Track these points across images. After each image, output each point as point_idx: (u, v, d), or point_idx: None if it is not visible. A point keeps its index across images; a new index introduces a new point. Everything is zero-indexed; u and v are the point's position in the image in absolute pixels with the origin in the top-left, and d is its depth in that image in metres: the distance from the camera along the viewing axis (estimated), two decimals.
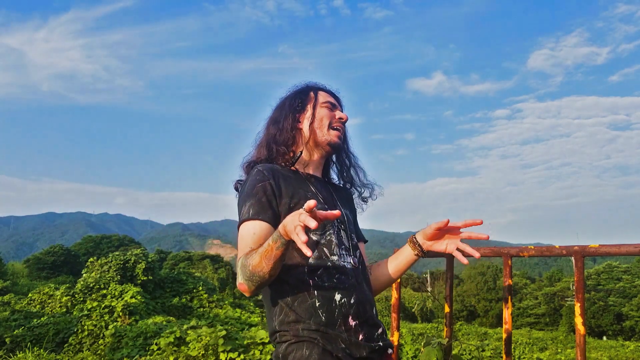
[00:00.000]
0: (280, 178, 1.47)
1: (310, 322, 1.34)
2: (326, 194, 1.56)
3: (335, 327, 1.35)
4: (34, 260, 44.66)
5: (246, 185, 1.46)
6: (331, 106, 1.61)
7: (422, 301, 41.65)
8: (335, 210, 1.52)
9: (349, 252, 1.49)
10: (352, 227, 1.60)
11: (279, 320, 1.38)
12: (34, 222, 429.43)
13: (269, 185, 1.43)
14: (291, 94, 1.64)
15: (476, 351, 11.83)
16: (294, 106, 1.59)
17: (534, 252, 1.71)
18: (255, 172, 1.47)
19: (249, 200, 1.41)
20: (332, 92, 1.67)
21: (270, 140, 1.58)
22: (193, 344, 6.63)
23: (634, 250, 1.46)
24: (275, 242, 1.20)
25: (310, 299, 1.36)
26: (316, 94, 1.62)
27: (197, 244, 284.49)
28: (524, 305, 45.46)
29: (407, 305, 41.21)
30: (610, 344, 25.91)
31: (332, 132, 1.57)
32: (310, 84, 1.66)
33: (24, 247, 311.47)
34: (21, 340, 10.11)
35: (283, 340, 1.36)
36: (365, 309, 1.42)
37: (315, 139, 1.57)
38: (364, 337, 1.38)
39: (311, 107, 1.59)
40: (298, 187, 1.49)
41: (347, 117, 1.62)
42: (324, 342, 1.32)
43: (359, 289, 1.44)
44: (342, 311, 1.37)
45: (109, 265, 15.85)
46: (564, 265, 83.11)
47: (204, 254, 51.31)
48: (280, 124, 1.58)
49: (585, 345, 1.54)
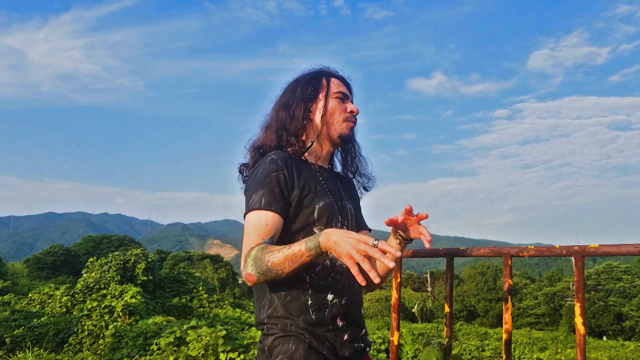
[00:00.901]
0: (294, 169, 1.45)
1: (299, 320, 1.35)
2: (333, 186, 1.56)
3: (323, 326, 1.37)
4: (34, 260, 44.68)
5: (258, 173, 1.43)
6: (343, 97, 1.59)
7: (422, 301, 41.60)
8: (341, 203, 1.54)
9: None
10: (354, 222, 1.60)
11: (267, 313, 1.39)
12: (34, 222, 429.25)
13: (282, 176, 1.41)
14: (303, 78, 1.61)
15: (476, 351, 11.83)
16: (306, 94, 1.57)
17: (534, 252, 1.70)
18: (269, 160, 1.44)
19: (261, 189, 1.38)
20: (344, 80, 1.65)
21: (279, 127, 1.55)
22: (193, 344, 6.63)
23: (634, 250, 1.46)
24: (309, 250, 1.20)
25: (304, 296, 1.37)
26: (328, 82, 1.60)
27: (197, 244, 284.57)
28: (524, 305, 45.41)
29: (407, 305, 41.16)
30: (610, 344, 25.87)
31: (343, 125, 1.56)
32: (324, 69, 1.64)
33: (24, 247, 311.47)
34: (21, 340, 10.10)
35: (270, 333, 1.37)
36: (354, 310, 1.44)
37: (326, 131, 1.56)
38: (348, 337, 1.41)
39: (323, 96, 1.57)
40: (309, 179, 1.48)
41: (358, 110, 1.60)
42: (311, 338, 1.34)
43: (350, 290, 1.45)
44: (333, 311, 1.39)
45: (109, 265, 15.82)
46: (564, 265, 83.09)
47: (204, 254, 51.31)
48: (291, 111, 1.55)
49: (585, 345, 1.54)
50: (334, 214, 1.48)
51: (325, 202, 1.46)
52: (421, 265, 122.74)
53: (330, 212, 1.46)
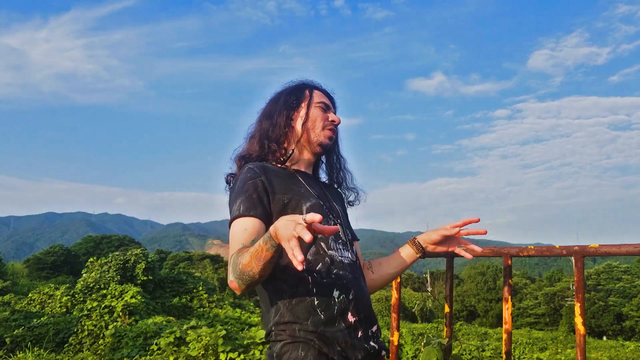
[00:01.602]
0: (272, 174, 1.47)
1: (308, 323, 1.32)
2: (319, 190, 1.56)
3: (334, 325, 1.34)
4: (34, 260, 44.67)
5: (237, 183, 1.45)
6: (325, 107, 1.61)
7: (422, 301, 41.64)
8: (329, 204, 1.54)
9: (345, 246, 1.48)
10: (346, 222, 1.61)
11: (275, 321, 1.37)
12: (34, 222, 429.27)
13: (260, 182, 1.42)
14: (286, 89, 1.64)
15: (476, 351, 11.83)
16: (288, 103, 1.59)
17: (534, 252, 1.70)
18: (246, 169, 1.47)
19: (239, 197, 1.40)
20: (327, 93, 1.66)
21: (262, 136, 1.57)
22: (193, 344, 6.63)
23: (634, 250, 1.46)
24: (266, 244, 1.15)
25: (309, 297, 1.35)
26: (311, 93, 1.62)
27: (197, 244, 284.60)
28: (524, 305, 45.42)
29: (407, 305, 41.19)
30: (610, 344, 25.87)
31: (325, 132, 1.57)
32: (307, 82, 1.66)
33: (24, 247, 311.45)
34: (21, 340, 10.11)
35: (278, 339, 1.34)
36: (363, 305, 1.41)
37: (307, 138, 1.57)
38: (362, 334, 1.38)
39: (305, 105, 1.59)
40: (291, 184, 1.48)
41: (340, 120, 1.62)
42: (320, 344, 1.31)
43: (356, 285, 1.42)
44: (341, 308, 1.36)
45: (109, 265, 15.83)
46: (564, 265, 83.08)
47: (204, 254, 51.27)
48: (274, 119, 1.58)
49: (585, 345, 1.54)
50: (324, 213, 1.47)
51: (312, 203, 1.45)
52: (421, 265, 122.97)
53: (320, 211, 1.45)
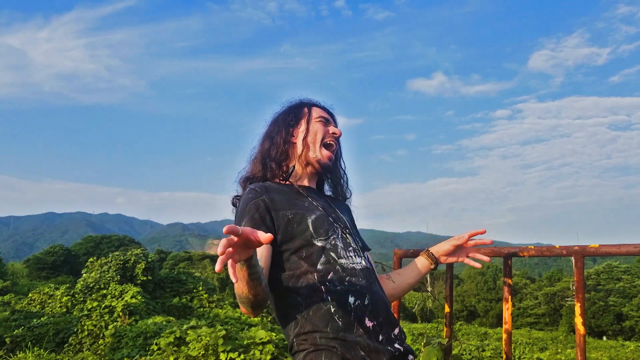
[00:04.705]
0: (274, 193, 1.48)
1: (328, 331, 1.32)
2: (323, 202, 1.57)
3: (353, 331, 1.33)
4: (34, 260, 44.62)
5: (240, 206, 1.48)
6: (325, 121, 1.63)
7: (422, 301, 41.63)
8: (335, 215, 1.54)
9: (357, 253, 1.49)
10: (355, 231, 1.62)
11: (295, 332, 1.37)
12: (34, 222, 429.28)
13: (261, 202, 1.43)
14: (285, 109, 1.67)
15: (476, 351, 11.83)
16: (287, 121, 1.62)
17: (534, 252, 1.71)
18: (247, 190, 1.49)
19: (243, 219, 1.41)
20: (325, 108, 1.68)
21: (264, 156, 1.60)
22: (193, 344, 6.63)
23: (634, 250, 1.46)
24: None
25: (325, 305, 1.35)
26: (310, 110, 1.64)
27: (197, 244, 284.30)
28: (524, 305, 45.42)
29: (407, 305, 41.20)
30: (610, 344, 25.89)
31: (324, 152, 1.59)
32: (304, 100, 1.68)
33: (24, 247, 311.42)
34: (21, 340, 10.12)
35: (301, 349, 1.34)
36: (380, 308, 1.40)
37: (307, 153, 1.58)
38: (384, 338, 1.37)
39: (305, 121, 1.61)
40: (295, 199, 1.49)
41: (341, 133, 1.64)
42: (343, 350, 1.30)
43: (371, 290, 1.42)
44: (358, 313, 1.36)
45: (108, 265, 15.83)
46: (564, 265, 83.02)
47: (204, 254, 51.23)
48: (274, 138, 1.61)
49: (585, 345, 1.54)
50: (330, 224, 1.47)
51: (317, 215, 1.46)
52: None
53: (326, 223, 1.46)
